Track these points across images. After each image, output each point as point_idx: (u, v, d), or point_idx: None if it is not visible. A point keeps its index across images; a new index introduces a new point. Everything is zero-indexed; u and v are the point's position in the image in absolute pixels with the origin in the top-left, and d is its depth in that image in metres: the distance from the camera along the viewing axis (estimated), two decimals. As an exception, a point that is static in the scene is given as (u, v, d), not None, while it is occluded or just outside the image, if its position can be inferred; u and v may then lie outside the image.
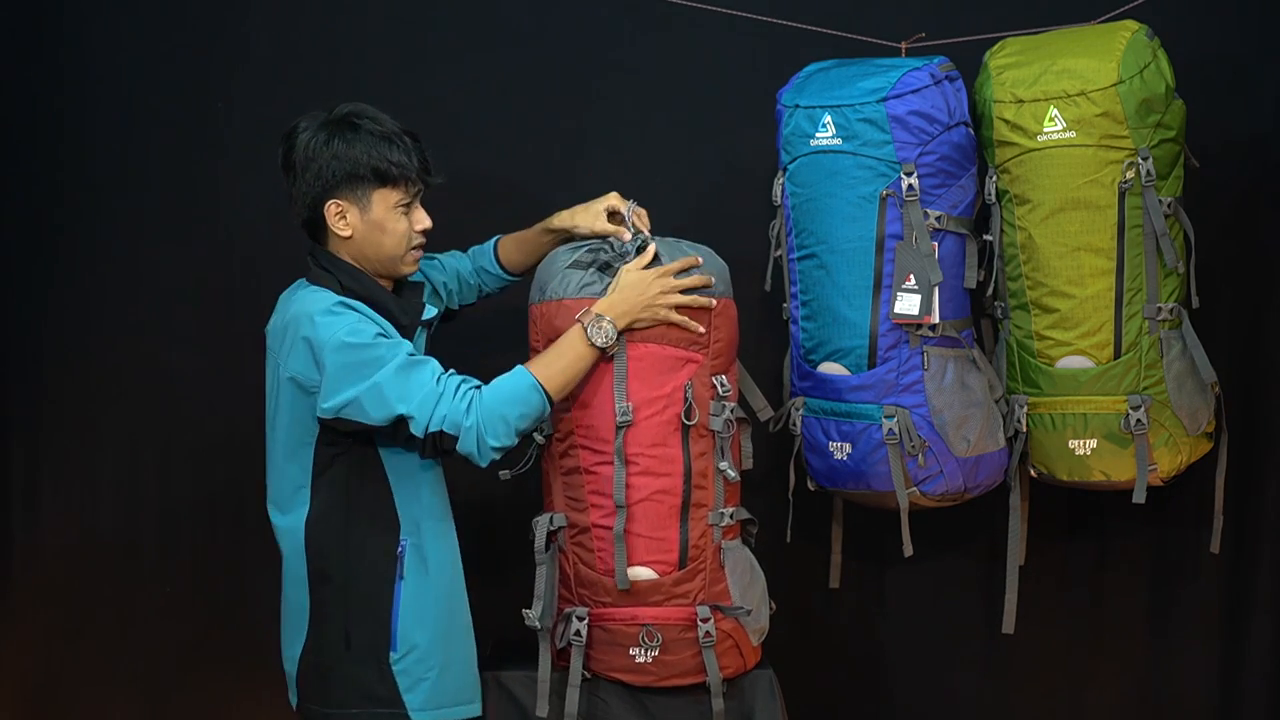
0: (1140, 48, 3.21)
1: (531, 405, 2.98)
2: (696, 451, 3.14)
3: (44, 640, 3.82)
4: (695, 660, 3.15)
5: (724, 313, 3.18)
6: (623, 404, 3.10)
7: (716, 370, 3.16)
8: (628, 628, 3.14)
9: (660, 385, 3.12)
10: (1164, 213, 3.22)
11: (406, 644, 2.98)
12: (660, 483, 3.12)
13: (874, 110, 3.23)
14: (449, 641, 3.02)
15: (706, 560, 3.15)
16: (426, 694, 2.99)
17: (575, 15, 3.78)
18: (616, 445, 3.10)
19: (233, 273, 3.76)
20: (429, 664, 2.99)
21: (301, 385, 2.96)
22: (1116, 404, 3.26)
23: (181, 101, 3.78)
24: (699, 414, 3.12)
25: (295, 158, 3.04)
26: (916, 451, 3.27)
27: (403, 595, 2.99)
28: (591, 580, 3.15)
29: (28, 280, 3.81)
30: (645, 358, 3.11)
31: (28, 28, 3.78)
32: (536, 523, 3.19)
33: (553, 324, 3.14)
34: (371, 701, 2.98)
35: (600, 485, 3.13)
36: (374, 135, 3.03)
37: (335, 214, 3.04)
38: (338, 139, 3.02)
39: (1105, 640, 3.75)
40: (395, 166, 3.03)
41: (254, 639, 3.67)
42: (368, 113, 3.06)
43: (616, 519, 3.11)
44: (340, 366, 2.91)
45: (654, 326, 3.09)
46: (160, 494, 3.81)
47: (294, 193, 3.06)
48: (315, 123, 3.05)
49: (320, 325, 2.94)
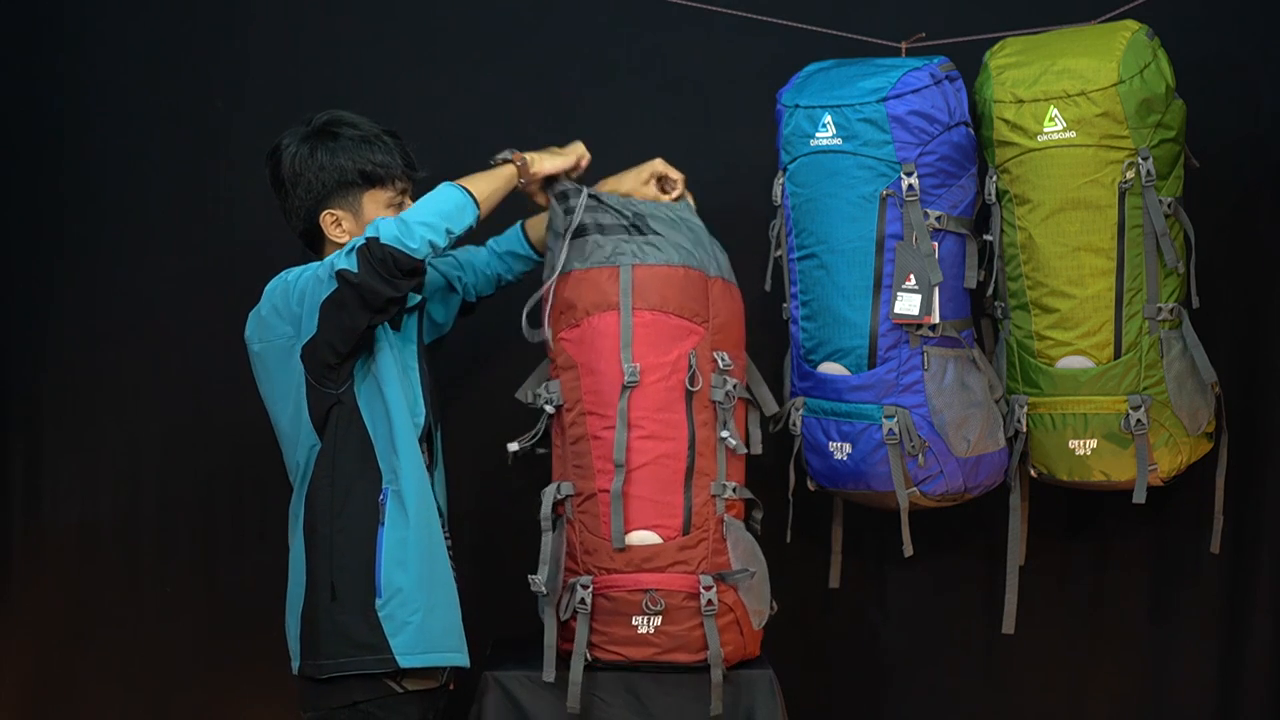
0: (1140, 48, 3.20)
1: (450, 197, 3.04)
2: (700, 420, 3.20)
3: (44, 640, 3.82)
4: (697, 634, 3.17)
5: (725, 292, 3.25)
6: (630, 365, 3.15)
7: (718, 346, 3.22)
8: (631, 595, 3.16)
9: (666, 351, 3.17)
10: (1164, 213, 3.22)
11: (391, 588, 3.00)
12: (665, 447, 3.17)
13: (874, 110, 3.23)
14: (432, 585, 3.03)
15: (709, 530, 3.19)
16: (412, 637, 3.00)
17: (575, 15, 3.78)
18: (620, 406, 3.14)
19: (233, 273, 3.76)
20: (413, 606, 3.01)
21: (278, 346, 3.04)
22: (1117, 404, 3.26)
23: (181, 101, 3.79)
24: (701, 381, 3.18)
25: (283, 175, 3.12)
26: (916, 451, 3.28)
27: (385, 541, 3.01)
28: (596, 546, 3.18)
29: (28, 280, 3.81)
30: (651, 324, 3.17)
31: (28, 28, 3.78)
32: (544, 492, 3.22)
33: (564, 296, 3.19)
34: (360, 649, 3.00)
35: (606, 451, 3.17)
36: (355, 140, 3.11)
37: (331, 223, 3.11)
38: (321, 150, 3.10)
39: (1105, 640, 3.75)
40: (380, 167, 3.11)
41: (255, 638, 3.67)
42: (345, 119, 3.13)
43: (615, 478, 3.15)
44: (276, 292, 3.05)
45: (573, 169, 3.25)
46: (160, 494, 3.82)
47: (287, 208, 3.14)
48: (296, 138, 3.12)
49: (262, 298, 3.09)
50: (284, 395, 3.07)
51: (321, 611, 3.03)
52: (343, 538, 3.02)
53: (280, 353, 3.05)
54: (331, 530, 3.02)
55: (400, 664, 2.99)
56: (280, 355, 3.05)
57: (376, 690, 3.02)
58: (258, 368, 3.12)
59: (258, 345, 3.09)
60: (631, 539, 3.17)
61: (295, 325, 3.02)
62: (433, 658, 3.03)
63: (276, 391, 3.09)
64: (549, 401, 3.23)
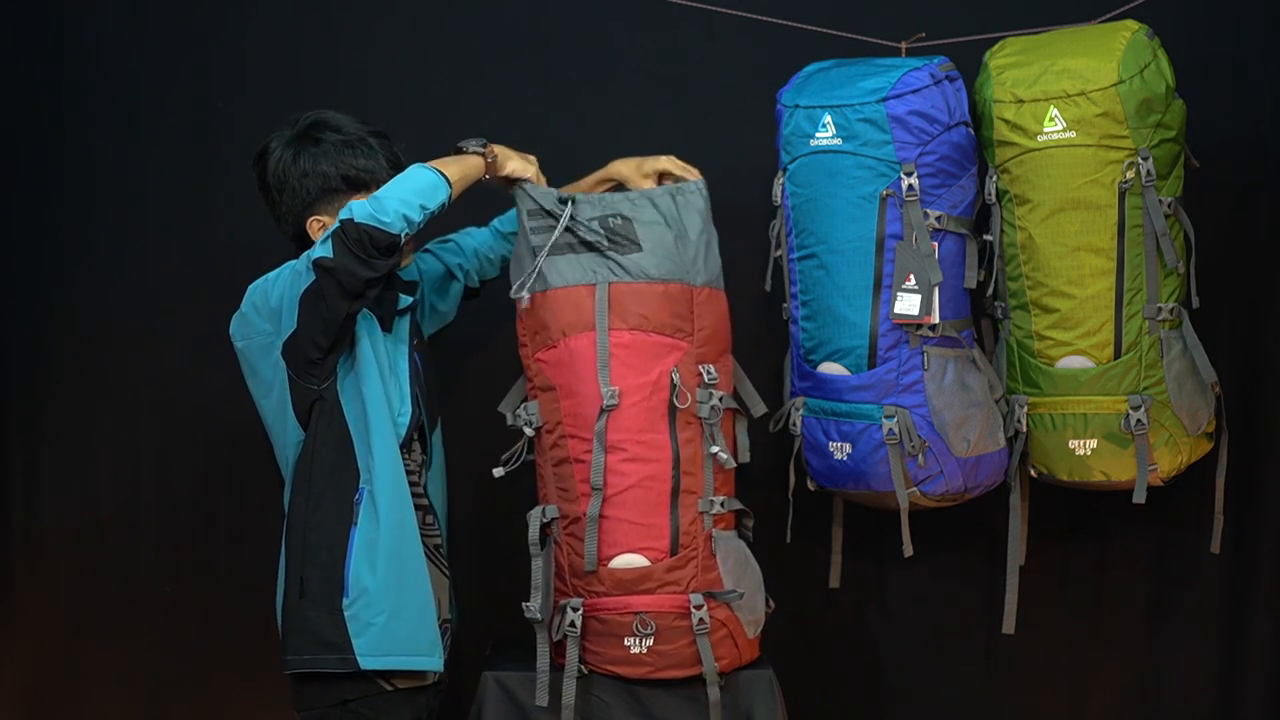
0: (1140, 48, 3.20)
1: (421, 176, 3.01)
2: (684, 438, 3.16)
3: (44, 640, 3.82)
4: (690, 650, 3.16)
5: (710, 302, 3.20)
6: (607, 388, 3.11)
7: (703, 359, 3.18)
8: (621, 617, 3.15)
9: (645, 371, 3.13)
10: (1164, 213, 3.22)
11: (358, 588, 2.99)
12: (649, 469, 3.14)
13: (874, 110, 3.23)
14: (400, 588, 3.01)
15: (698, 548, 3.17)
16: (375, 639, 2.99)
17: (575, 15, 3.78)
18: (598, 429, 3.11)
19: (233, 273, 3.74)
20: (377, 608, 2.99)
21: (258, 344, 3.05)
22: (1117, 404, 3.26)
23: (181, 102, 3.79)
24: (688, 398, 3.15)
25: (269, 181, 3.13)
26: (916, 451, 3.27)
27: (355, 541, 3.00)
28: (584, 570, 3.16)
29: (28, 280, 3.81)
30: (630, 344, 3.13)
31: (28, 29, 3.78)
32: (530, 516, 3.20)
33: (539, 316, 3.15)
34: (323, 647, 3.00)
35: (590, 474, 3.14)
36: (337, 145, 3.10)
37: (318, 229, 3.10)
38: (304, 156, 3.09)
39: (1105, 640, 3.75)
40: (364, 172, 3.10)
41: (254, 638, 3.66)
42: (330, 122, 3.12)
43: (591, 502, 3.12)
44: (256, 290, 3.07)
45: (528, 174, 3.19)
46: (160, 494, 3.82)
47: (276, 214, 3.15)
48: (281, 142, 3.12)
49: (245, 297, 3.11)
50: (267, 392, 3.08)
51: (291, 607, 3.03)
52: (316, 535, 3.02)
53: (261, 350, 3.06)
54: (305, 527, 3.02)
55: (361, 665, 2.98)
56: (261, 352, 3.06)
57: (367, 689, 3.01)
58: (243, 365, 3.13)
59: (240, 343, 3.11)
60: (618, 563, 3.15)
61: (274, 322, 3.03)
62: (396, 660, 3.01)
63: (260, 388, 3.10)
64: (528, 423, 3.20)
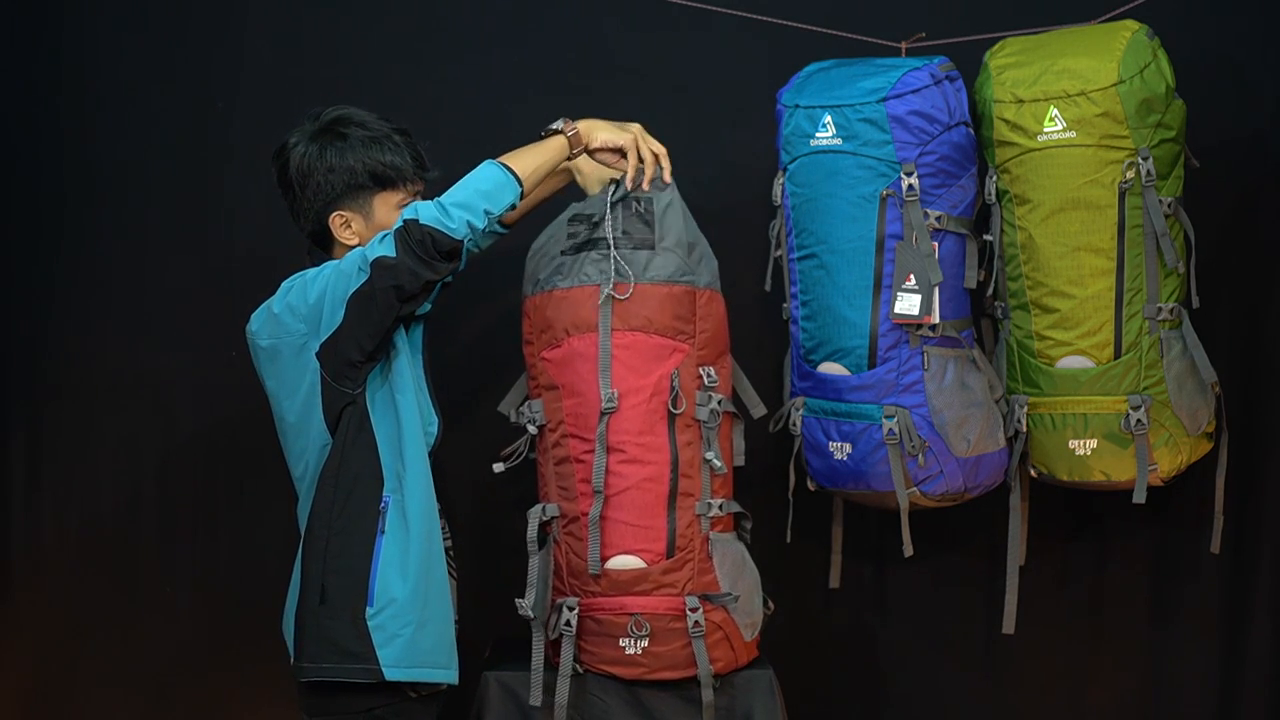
0: (1140, 48, 3.21)
1: (489, 176, 2.98)
2: (683, 441, 3.16)
3: (44, 640, 3.82)
4: (685, 652, 3.16)
5: (711, 304, 3.21)
6: (607, 390, 3.12)
7: (704, 361, 3.19)
8: (616, 618, 3.15)
9: (646, 373, 3.14)
10: (1164, 213, 3.22)
11: (385, 598, 2.96)
12: (647, 470, 3.15)
13: (874, 110, 3.23)
14: (427, 599, 2.99)
15: (694, 550, 3.17)
16: (401, 650, 2.96)
17: (575, 15, 3.78)
18: (599, 431, 3.12)
19: (233, 273, 3.76)
20: (405, 619, 2.97)
21: (290, 344, 3.00)
22: (1117, 404, 3.26)
23: (181, 102, 3.79)
24: (685, 403, 3.14)
25: (291, 175, 3.07)
26: (916, 451, 3.27)
27: (383, 550, 2.97)
28: (581, 569, 3.17)
29: (28, 280, 3.81)
30: (631, 346, 3.14)
31: (28, 29, 3.78)
32: (530, 514, 3.20)
33: (545, 315, 3.15)
34: (345, 656, 2.96)
35: (589, 474, 3.15)
36: (364, 141, 3.05)
37: (340, 225, 3.07)
38: (330, 150, 3.05)
39: (1105, 640, 3.75)
40: (391, 169, 3.06)
41: (255, 638, 3.67)
42: (354, 117, 3.08)
43: (594, 504, 3.13)
44: (292, 289, 3.00)
45: (618, 155, 3.10)
46: (160, 494, 3.81)
47: (295, 209, 3.09)
48: (305, 136, 3.07)
49: (276, 293, 3.04)
50: (293, 392, 3.03)
51: (309, 613, 2.99)
52: (338, 541, 2.98)
53: (293, 351, 3.00)
54: (329, 532, 2.99)
55: (386, 676, 2.94)
56: (292, 353, 3.01)
57: (391, 698, 2.98)
58: (264, 363, 3.07)
59: (266, 341, 3.04)
60: (614, 564, 3.15)
61: (311, 323, 2.98)
62: (419, 672, 2.99)
63: (285, 389, 3.04)
64: (531, 421, 3.21)
